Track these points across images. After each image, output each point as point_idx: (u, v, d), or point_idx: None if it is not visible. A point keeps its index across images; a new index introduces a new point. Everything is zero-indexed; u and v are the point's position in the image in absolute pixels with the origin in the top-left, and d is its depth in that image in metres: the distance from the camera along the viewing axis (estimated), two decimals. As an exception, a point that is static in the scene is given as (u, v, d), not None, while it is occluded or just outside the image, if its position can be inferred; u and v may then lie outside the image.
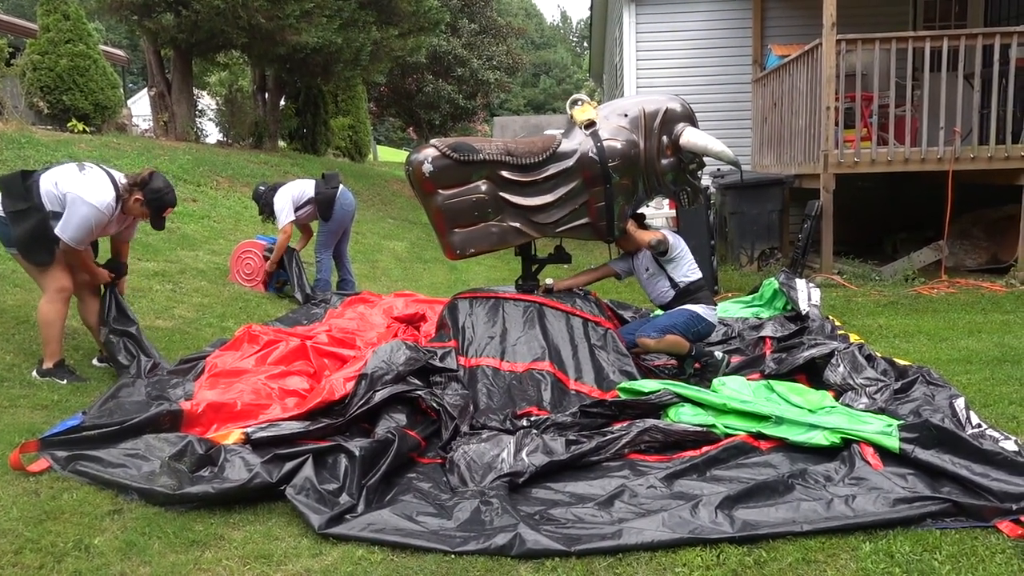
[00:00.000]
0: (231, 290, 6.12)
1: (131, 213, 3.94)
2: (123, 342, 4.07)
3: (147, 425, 3.10)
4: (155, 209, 3.91)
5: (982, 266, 7.47)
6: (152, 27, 10.94)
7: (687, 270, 4.35)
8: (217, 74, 17.55)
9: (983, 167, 6.84)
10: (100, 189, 3.78)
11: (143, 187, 3.86)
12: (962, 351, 4.61)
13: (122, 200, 3.87)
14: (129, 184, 3.87)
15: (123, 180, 3.89)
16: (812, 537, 2.48)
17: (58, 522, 2.57)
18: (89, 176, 3.83)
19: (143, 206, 3.89)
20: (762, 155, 9.19)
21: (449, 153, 4.00)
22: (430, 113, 23.30)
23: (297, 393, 3.64)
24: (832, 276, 7.00)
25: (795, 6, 9.38)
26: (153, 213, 3.91)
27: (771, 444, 3.16)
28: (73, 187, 3.75)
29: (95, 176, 3.84)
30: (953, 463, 2.74)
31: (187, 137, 12.14)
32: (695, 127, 4.16)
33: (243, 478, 2.76)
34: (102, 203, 3.75)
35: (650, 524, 2.54)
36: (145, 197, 3.86)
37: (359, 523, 2.60)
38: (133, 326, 4.12)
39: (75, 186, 3.75)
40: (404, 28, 13.91)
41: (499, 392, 3.78)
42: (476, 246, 4.16)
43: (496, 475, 2.92)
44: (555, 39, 58.91)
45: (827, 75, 6.78)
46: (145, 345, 4.10)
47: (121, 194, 3.86)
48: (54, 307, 3.85)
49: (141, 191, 3.86)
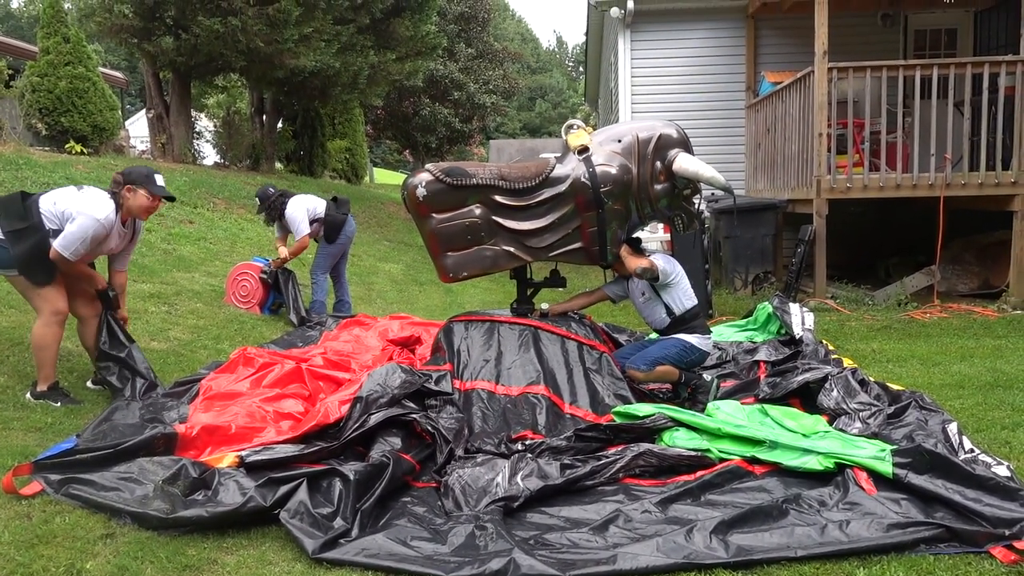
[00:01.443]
0: (227, 312, 6.12)
1: (133, 209, 3.93)
2: (116, 367, 4.06)
3: (141, 448, 3.10)
4: (148, 179, 3.92)
5: (974, 291, 7.53)
6: (151, 50, 11.04)
7: (683, 297, 4.33)
8: (215, 96, 17.68)
9: (974, 193, 6.92)
10: (99, 203, 3.82)
11: (128, 177, 3.90)
12: (955, 376, 4.63)
13: (121, 205, 3.89)
14: (117, 185, 3.90)
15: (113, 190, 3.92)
16: (806, 562, 2.48)
17: (50, 546, 2.55)
18: (87, 193, 3.89)
19: (138, 188, 3.89)
20: (756, 180, 9.27)
21: (442, 177, 4.06)
22: (426, 136, 23.48)
23: (292, 416, 3.64)
24: (825, 300, 7.03)
25: (787, 34, 9.52)
26: (150, 184, 3.91)
27: (765, 469, 3.16)
28: (72, 204, 3.78)
29: (93, 192, 3.90)
30: (946, 488, 2.75)
31: (185, 159, 12.20)
32: (689, 153, 4.18)
33: (237, 502, 2.75)
34: (101, 215, 3.78)
35: (644, 549, 2.54)
36: (136, 181, 3.89)
37: (353, 547, 2.59)
38: (125, 350, 4.10)
39: (74, 203, 3.79)
40: (401, 52, 14.07)
41: (494, 416, 3.78)
42: (469, 269, 4.21)
43: (491, 499, 2.92)
44: (551, 63, 59.48)
45: (819, 102, 6.87)
46: (139, 368, 4.08)
47: (119, 202, 3.89)
48: (49, 330, 3.85)
49: (130, 181, 3.89)
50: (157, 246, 7.33)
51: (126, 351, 4.11)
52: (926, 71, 6.85)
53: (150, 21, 10.88)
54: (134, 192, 3.90)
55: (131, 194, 3.90)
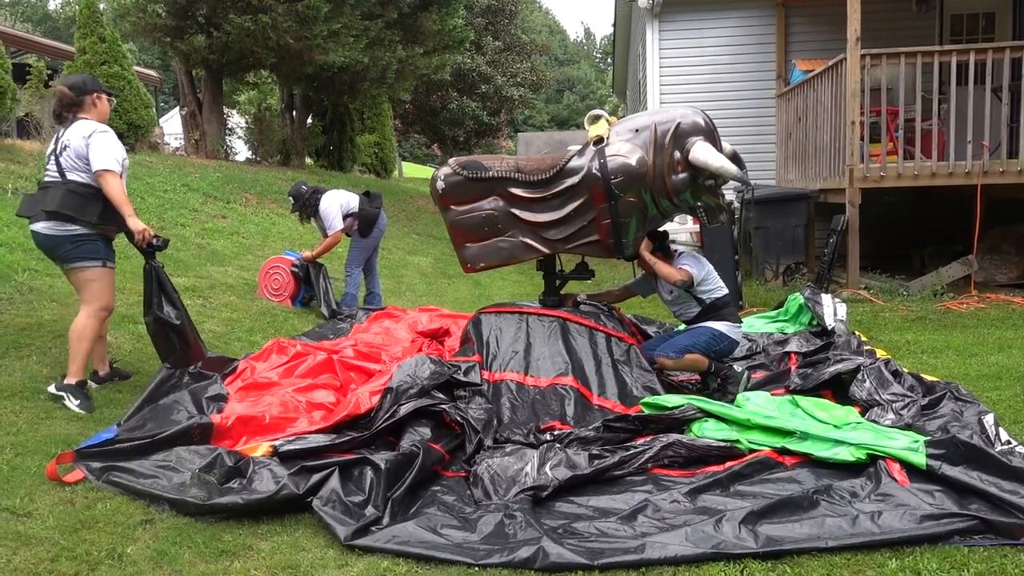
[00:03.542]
0: (259, 305, 6.22)
1: (104, 116, 4.01)
2: (166, 331, 4.10)
3: (178, 438, 3.17)
4: (98, 83, 4.03)
5: (1013, 281, 7.36)
6: (184, 48, 11.21)
7: (712, 287, 4.33)
8: (246, 93, 17.91)
9: (1012, 181, 6.76)
10: (91, 122, 3.88)
11: (86, 86, 3.94)
12: (992, 367, 4.54)
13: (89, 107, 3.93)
14: (78, 98, 3.91)
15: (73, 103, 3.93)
16: (837, 553, 2.47)
17: (92, 531, 2.64)
18: (77, 124, 3.90)
19: (101, 95, 4.00)
20: (787, 170, 9.15)
21: (460, 171, 4.14)
22: (454, 130, 23.53)
23: (324, 407, 3.69)
24: (859, 291, 6.93)
25: (819, 21, 9.37)
26: (103, 89, 4.02)
27: (796, 460, 3.14)
28: (74, 138, 3.81)
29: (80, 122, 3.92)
30: (981, 480, 2.71)
31: (217, 155, 12.39)
32: (713, 141, 4.02)
33: (271, 490, 2.81)
34: (103, 126, 3.88)
35: (673, 539, 2.54)
36: (96, 88, 3.97)
37: (384, 535, 2.63)
38: (177, 315, 4.12)
39: (75, 136, 3.82)
40: (429, 46, 14.11)
41: (523, 406, 3.80)
42: (487, 260, 4.27)
43: (520, 489, 2.94)
44: (579, 55, 59.18)
45: (852, 89, 6.76)
46: (188, 335, 4.13)
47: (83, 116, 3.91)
48: (92, 323, 3.89)
49: (92, 90, 3.94)
50: (191, 241, 7.47)
51: (178, 314, 4.11)
52: (963, 56, 6.70)
53: (183, 20, 11.06)
54: (101, 99, 3.99)
55: (100, 101, 3.98)
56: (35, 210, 3.82)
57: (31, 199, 3.94)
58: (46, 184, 3.89)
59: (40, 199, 3.85)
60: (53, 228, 3.80)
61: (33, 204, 3.87)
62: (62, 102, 3.93)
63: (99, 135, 3.81)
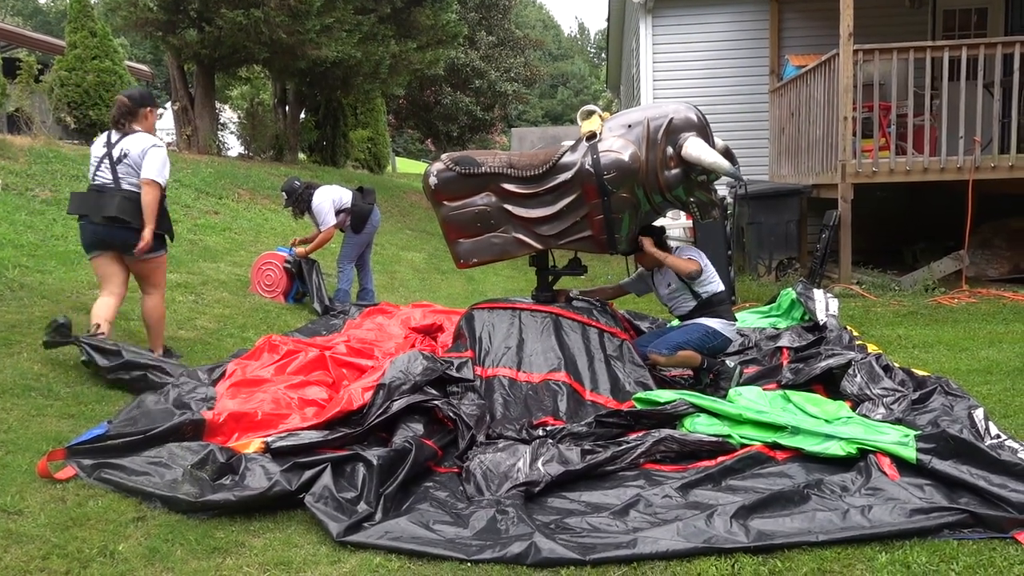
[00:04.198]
0: (252, 301, 6.21)
1: (151, 129, 4.42)
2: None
3: (170, 434, 3.17)
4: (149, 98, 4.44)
5: (1004, 276, 7.39)
6: (176, 43, 11.16)
7: (711, 282, 4.34)
8: (239, 88, 17.82)
9: (1004, 176, 6.79)
10: (148, 136, 4.31)
11: (144, 100, 4.36)
12: (982, 361, 4.57)
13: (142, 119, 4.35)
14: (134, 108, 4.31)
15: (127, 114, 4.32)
16: (828, 547, 2.48)
17: (84, 528, 2.63)
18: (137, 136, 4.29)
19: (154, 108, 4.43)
20: (779, 165, 9.17)
21: (452, 166, 4.15)
22: (448, 125, 23.46)
23: (316, 403, 3.70)
24: (851, 286, 6.96)
25: (812, 16, 9.37)
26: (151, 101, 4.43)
27: (787, 454, 3.15)
28: (134, 147, 4.21)
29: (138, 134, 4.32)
30: (971, 474, 2.73)
31: (209, 150, 12.34)
32: (706, 137, 4.02)
33: (263, 486, 2.81)
34: (157, 139, 4.32)
35: (665, 534, 2.55)
36: (151, 102, 4.40)
37: (377, 531, 2.64)
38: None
39: (134, 145, 4.21)
40: (422, 41, 14.06)
41: (515, 402, 3.80)
42: (479, 256, 4.28)
43: (512, 484, 2.95)
44: (573, 50, 59.06)
45: (844, 85, 6.77)
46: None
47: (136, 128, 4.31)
48: (162, 302, 4.49)
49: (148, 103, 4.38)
50: (183, 236, 7.43)
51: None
52: (955, 52, 6.71)
53: (174, 14, 11.00)
54: (152, 113, 4.41)
55: (151, 115, 4.40)
56: (92, 212, 4.21)
57: (83, 199, 4.30)
58: (99, 188, 4.25)
59: (95, 202, 4.22)
60: (116, 228, 4.21)
61: (85, 205, 4.25)
62: (120, 110, 4.32)
63: (155, 149, 4.24)
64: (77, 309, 4.95)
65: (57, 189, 7.29)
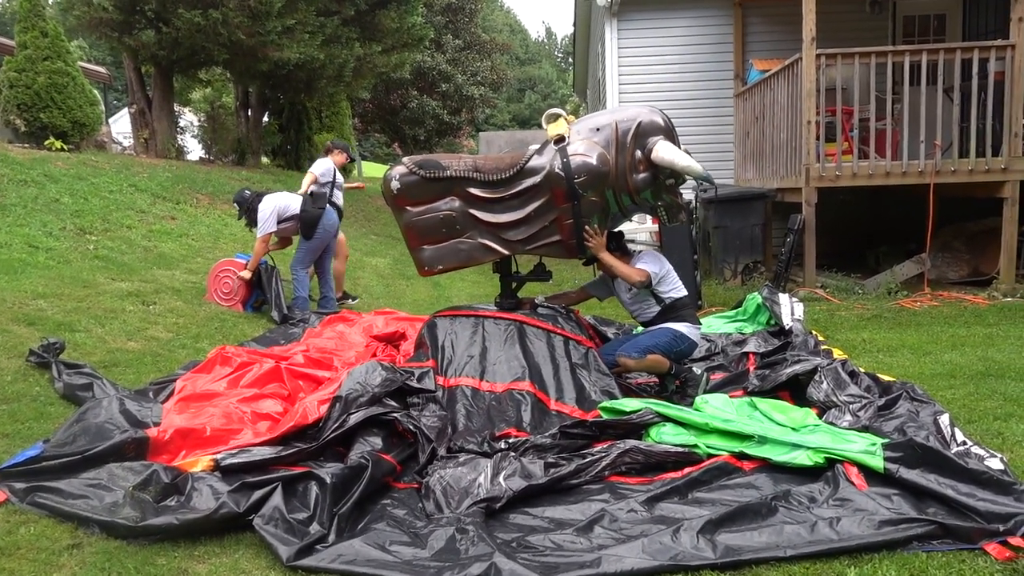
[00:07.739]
0: (207, 310, 6.01)
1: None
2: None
3: (110, 454, 3.00)
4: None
5: (964, 279, 7.48)
6: (132, 44, 10.87)
7: (672, 287, 4.28)
8: (200, 90, 17.47)
9: (964, 180, 6.86)
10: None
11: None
12: (946, 365, 4.57)
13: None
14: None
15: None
16: (796, 562, 2.42)
17: (12, 559, 2.46)
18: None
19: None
20: (744, 169, 9.20)
21: (416, 170, 4.01)
22: (415, 129, 23.30)
23: (270, 416, 3.55)
24: (815, 290, 6.97)
25: (775, 21, 9.43)
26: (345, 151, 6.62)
27: (754, 464, 3.09)
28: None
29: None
30: (939, 483, 2.69)
31: (168, 154, 12.03)
32: (673, 140, 3.99)
33: (209, 508, 2.66)
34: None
35: (630, 551, 2.46)
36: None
37: (329, 554, 2.51)
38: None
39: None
40: (387, 44, 13.91)
41: (478, 413, 3.69)
42: (445, 263, 4.15)
43: (472, 500, 2.84)
44: (540, 55, 59.21)
45: (807, 89, 6.79)
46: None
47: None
48: None
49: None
50: (136, 243, 7.20)
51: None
52: (915, 57, 6.77)
53: (130, 14, 10.70)
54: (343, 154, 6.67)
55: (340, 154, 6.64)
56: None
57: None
58: None
59: None
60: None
61: None
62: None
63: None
64: (19, 321, 4.73)
65: (3, 195, 7.01)
